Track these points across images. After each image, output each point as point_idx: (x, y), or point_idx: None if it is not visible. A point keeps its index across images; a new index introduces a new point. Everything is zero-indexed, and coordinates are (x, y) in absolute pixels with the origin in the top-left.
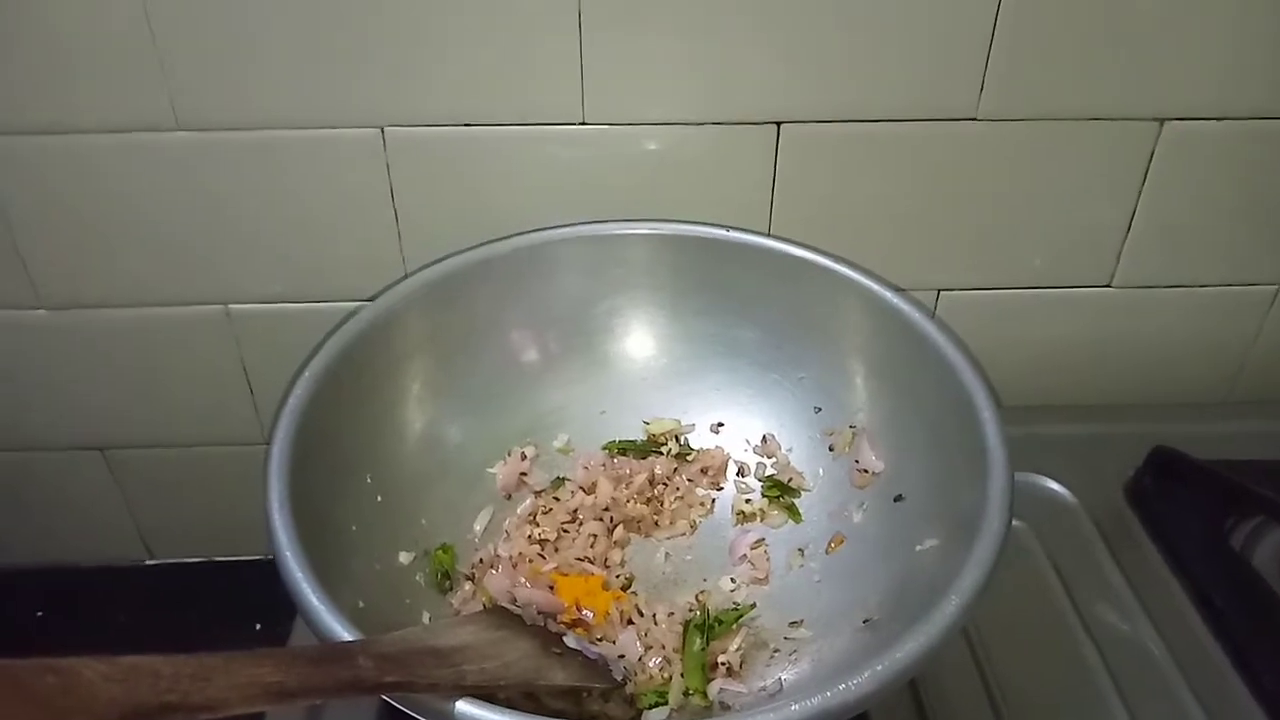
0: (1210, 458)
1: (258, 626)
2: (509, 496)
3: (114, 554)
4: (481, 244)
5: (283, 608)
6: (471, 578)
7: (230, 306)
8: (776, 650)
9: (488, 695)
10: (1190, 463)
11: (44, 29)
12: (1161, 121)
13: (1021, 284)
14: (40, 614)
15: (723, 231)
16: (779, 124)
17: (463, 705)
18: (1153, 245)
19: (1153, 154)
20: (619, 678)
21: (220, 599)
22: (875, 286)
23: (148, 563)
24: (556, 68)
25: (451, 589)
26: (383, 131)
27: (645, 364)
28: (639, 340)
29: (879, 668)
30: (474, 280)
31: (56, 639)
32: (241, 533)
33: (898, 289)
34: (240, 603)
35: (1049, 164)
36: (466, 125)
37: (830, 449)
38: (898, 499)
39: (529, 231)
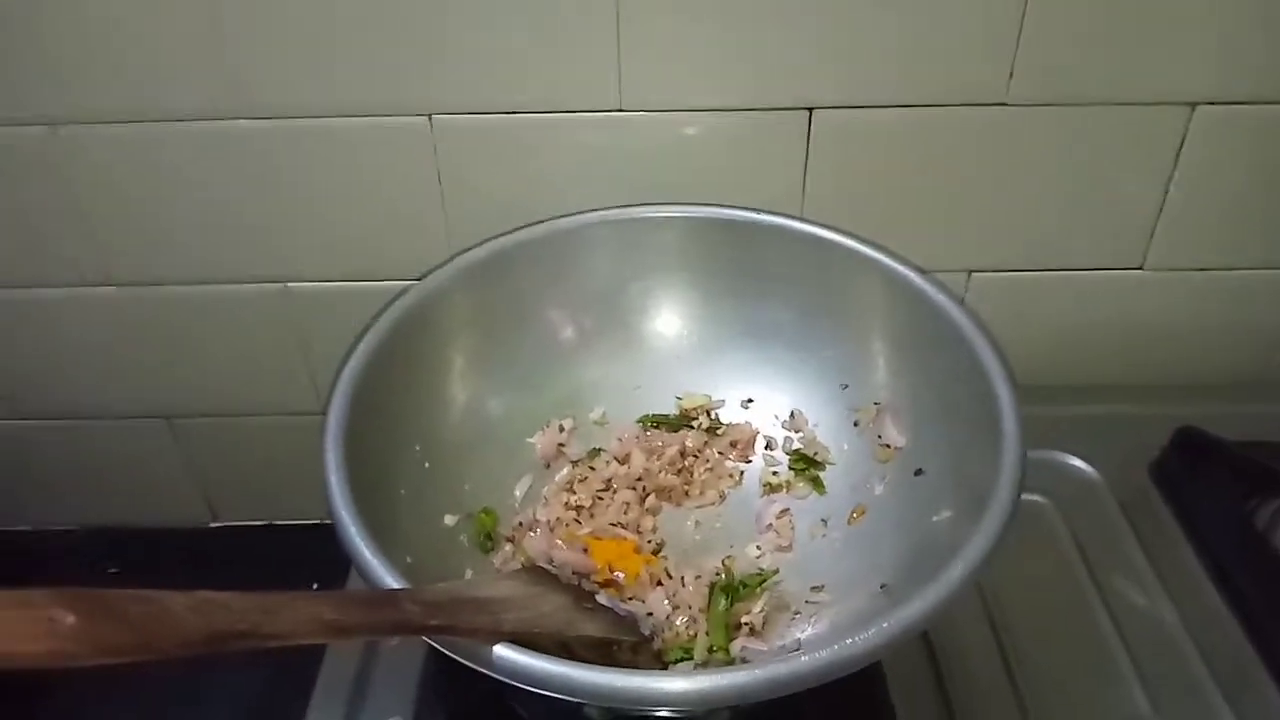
0: (1239, 439)
1: (315, 586)
2: (548, 465)
3: (180, 517)
4: (521, 227)
5: (338, 569)
6: (512, 539)
7: (289, 285)
8: (797, 612)
9: (529, 644)
10: (1216, 443)
11: (115, 23)
12: (1193, 106)
13: (1053, 266)
14: (113, 571)
15: (753, 214)
16: (811, 110)
17: (500, 649)
18: (1185, 228)
19: (1184, 138)
20: (647, 633)
21: (280, 560)
22: (899, 267)
23: (211, 525)
24: (593, 56)
25: (493, 549)
26: (430, 119)
27: (678, 342)
28: (672, 319)
29: (884, 626)
30: (514, 262)
31: None
32: (300, 498)
33: (921, 270)
34: (298, 564)
35: (1079, 148)
36: (509, 114)
37: (855, 424)
38: (918, 473)
39: (566, 215)
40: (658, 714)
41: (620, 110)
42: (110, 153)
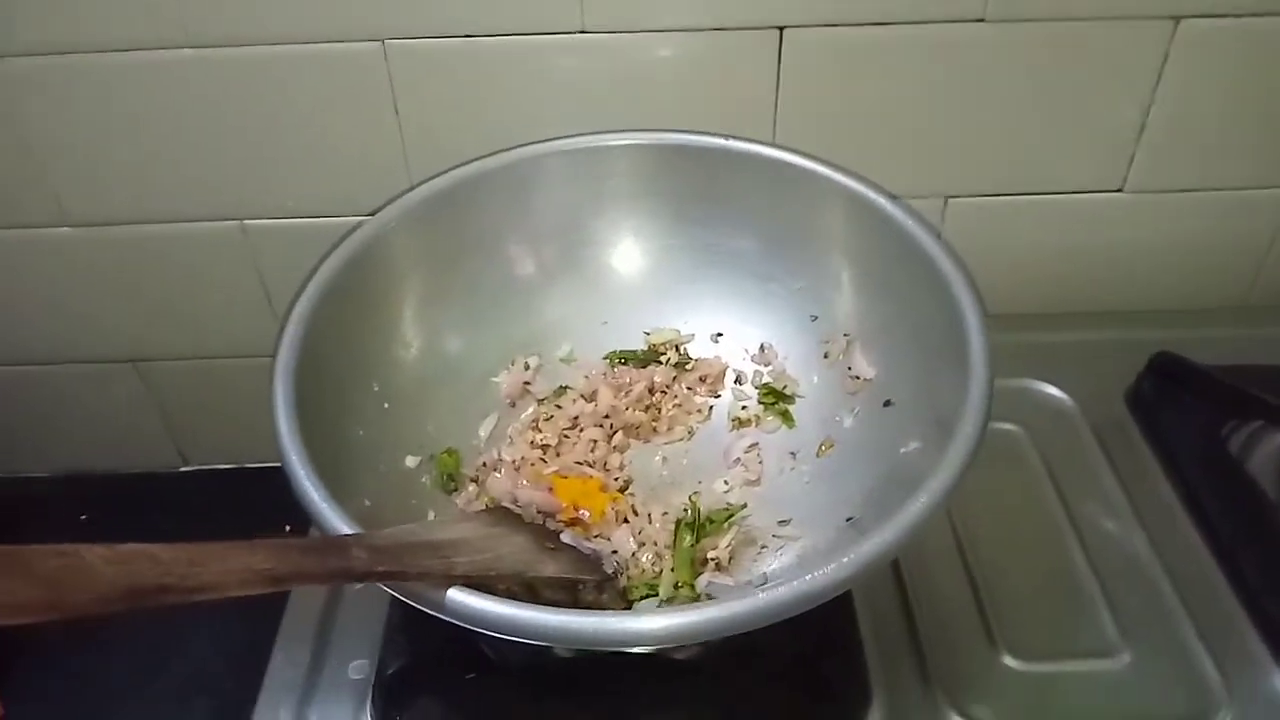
0: (1218, 364)
1: (287, 528)
2: (513, 404)
3: (150, 462)
4: (478, 158)
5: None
6: (476, 480)
7: (246, 222)
8: (764, 546)
9: (486, 587)
10: (1192, 368)
11: None
12: (1177, 20)
13: (1031, 190)
14: (84, 517)
15: (718, 140)
16: (781, 29)
17: (452, 592)
18: (1166, 149)
19: (1167, 53)
20: (610, 570)
21: (252, 503)
22: (868, 193)
23: (182, 469)
24: None
25: (456, 490)
26: (384, 44)
27: (646, 275)
28: (639, 252)
29: (845, 560)
30: (472, 194)
31: (102, 541)
32: (270, 440)
33: (891, 195)
34: (271, 506)
35: (1059, 66)
36: (467, 36)
37: (825, 356)
38: (887, 404)
39: (523, 145)
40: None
41: (584, 32)
42: (54, 85)
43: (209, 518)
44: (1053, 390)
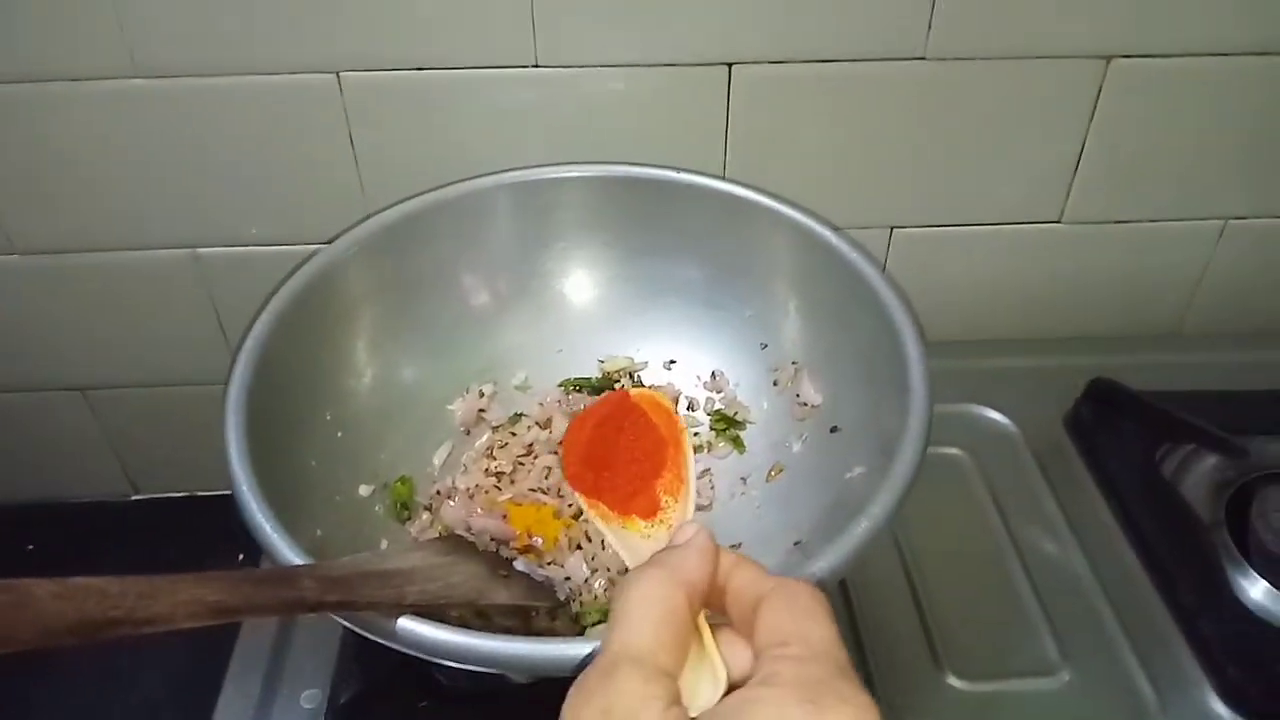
0: (1152, 390)
1: (240, 557)
2: (468, 432)
3: (101, 491)
4: (431, 189)
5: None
6: (429, 508)
7: (198, 250)
8: None
9: (439, 615)
10: (1127, 394)
11: None
12: (1108, 59)
13: (973, 220)
14: (31, 548)
15: (667, 173)
16: (730, 65)
17: (403, 621)
18: (1101, 181)
19: (1100, 91)
20: (562, 597)
21: (204, 532)
22: (813, 225)
23: (133, 498)
24: (508, 10)
25: (410, 519)
26: (338, 76)
27: (599, 304)
28: (591, 281)
29: None
30: (424, 225)
31: (49, 572)
32: (221, 468)
33: (835, 227)
34: (223, 535)
35: (997, 102)
36: (419, 69)
37: (775, 384)
38: (834, 430)
39: (477, 176)
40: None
41: (537, 66)
42: (6, 115)
43: (159, 547)
44: (994, 415)
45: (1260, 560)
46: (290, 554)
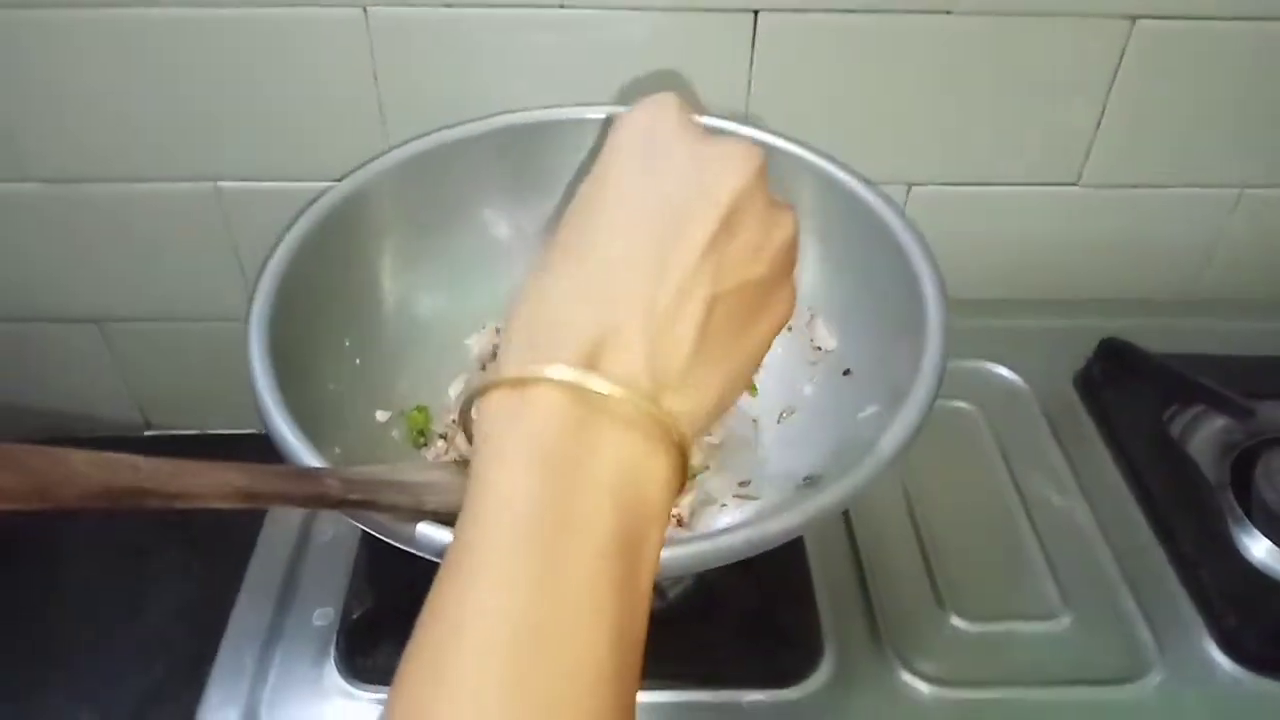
0: (1165, 352)
1: None
2: (483, 367)
3: (113, 426)
4: (452, 125)
5: None
6: (445, 436)
7: (220, 184)
8: (724, 505)
9: (448, 525)
10: (1138, 354)
11: None
12: (1133, 19)
13: (990, 180)
14: None
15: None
16: (756, 11)
17: (422, 526)
18: (1121, 145)
19: (1124, 52)
20: None
21: None
22: (839, 173)
23: (145, 434)
24: None
25: (426, 445)
26: (365, 10)
27: None
28: None
29: (796, 509)
30: (448, 159)
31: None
32: (236, 406)
33: (865, 180)
34: None
35: (1021, 61)
36: (448, 5)
37: (789, 328)
38: (846, 373)
39: (500, 113)
40: None
41: (562, 7)
42: (18, 40)
43: None
44: (1006, 372)
45: (1263, 519)
46: (311, 459)
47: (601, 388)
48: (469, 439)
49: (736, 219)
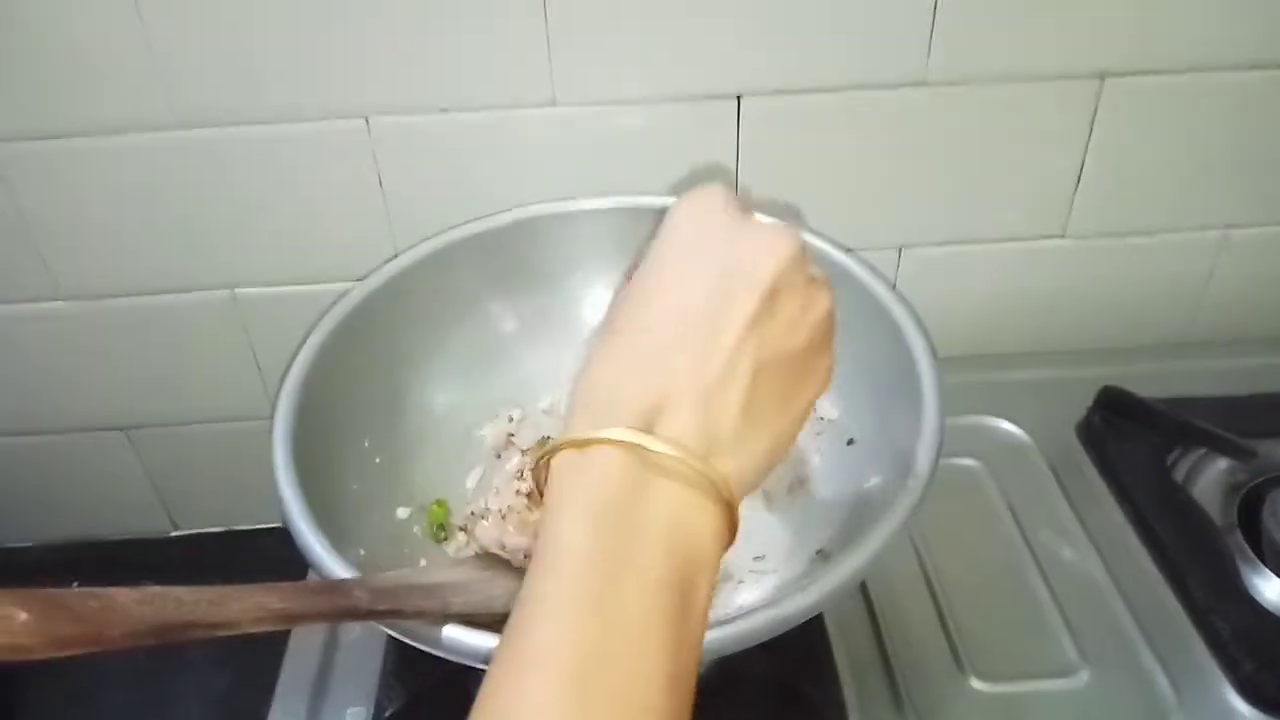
0: (1161, 397)
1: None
2: (498, 455)
3: (140, 527)
4: (458, 225)
5: (297, 570)
6: (465, 529)
7: (236, 291)
8: (741, 581)
9: (480, 625)
10: (1137, 401)
11: (43, 34)
12: (1102, 77)
13: (978, 238)
14: (75, 582)
15: None
16: (739, 97)
17: (448, 630)
18: (1102, 195)
19: (1096, 108)
20: None
21: (241, 565)
22: (826, 247)
23: (172, 534)
24: (526, 55)
25: (446, 539)
26: (367, 121)
27: None
28: None
29: (813, 587)
30: (453, 258)
31: None
32: (258, 502)
33: (847, 249)
34: (259, 567)
35: (997, 123)
36: (443, 111)
37: None
38: (850, 443)
39: (501, 211)
40: None
41: (554, 105)
42: (52, 168)
43: (199, 580)
44: (1008, 426)
45: (1273, 559)
46: (338, 568)
47: (656, 447)
48: (540, 495)
49: (776, 297)
